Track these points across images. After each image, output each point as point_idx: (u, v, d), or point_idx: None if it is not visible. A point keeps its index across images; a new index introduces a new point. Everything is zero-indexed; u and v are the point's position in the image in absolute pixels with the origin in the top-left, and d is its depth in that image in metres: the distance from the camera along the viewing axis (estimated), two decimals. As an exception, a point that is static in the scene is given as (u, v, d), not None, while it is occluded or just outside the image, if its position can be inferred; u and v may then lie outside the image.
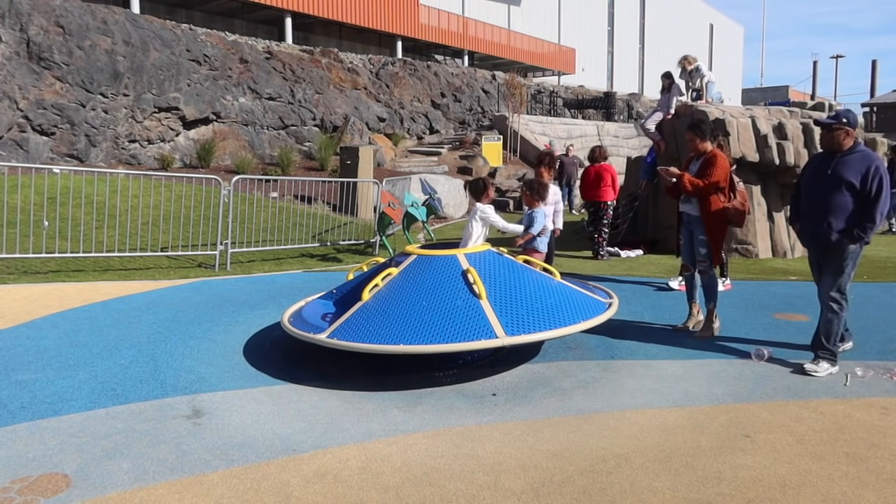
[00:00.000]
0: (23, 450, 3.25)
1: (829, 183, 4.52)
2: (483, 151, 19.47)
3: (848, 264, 4.53)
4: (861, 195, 4.42)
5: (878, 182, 4.40)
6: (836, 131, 4.52)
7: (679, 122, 10.23)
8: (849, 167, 4.47)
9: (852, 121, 4.53)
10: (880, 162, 4.43)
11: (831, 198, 4.51)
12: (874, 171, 4.41)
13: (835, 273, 4.57)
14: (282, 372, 4.49)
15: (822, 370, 4.48)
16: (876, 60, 42.74)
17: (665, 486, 2.94)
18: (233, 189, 8.90)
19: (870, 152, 4.51)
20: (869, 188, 4.40)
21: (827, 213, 4.52)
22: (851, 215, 4.44)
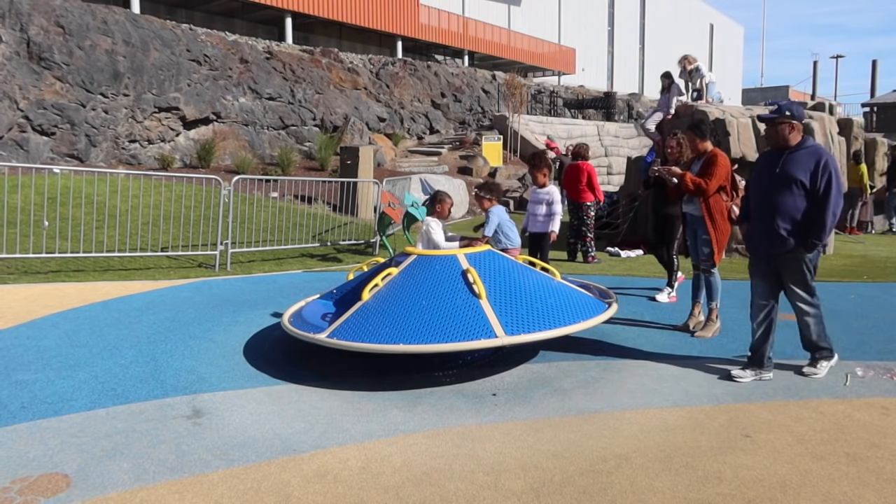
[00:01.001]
0: (23, 450, 3.25)
1: (777, 182, 4.25)
2: (483, 151, 19.47)
3: (807, 266, 4.31)
4: (811, 193, 4.17)
5: (828, 179, 4.12)
6: (780, 126, 4.25)
7: (679, 122, 10.23)
8: (797, 164, 4.19)
9: (797, 114, 4.25)
10: (830, 157, 4.18)
11: (780, 198, 4.24)
12: (823, 166, 4.13)
13: (795, 275, 4.34)
14: (282, 372, 4.49)
15: (823, 369, 4.44)
16: (876, 60, 42.70)
17: (665, 486, 2.94)
18: (233, 189, 8.90)
19: (820, 147, 4.26)
20: (819, 185, 4.13)
21: (776, 215, 4.25)
22: (803, 216, 4.19)
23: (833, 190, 4.12)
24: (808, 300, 4.39)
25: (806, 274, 4.32)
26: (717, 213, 5.39)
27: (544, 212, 6.79)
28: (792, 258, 4.29)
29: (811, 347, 4.51)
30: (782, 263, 4.35)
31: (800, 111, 4.28)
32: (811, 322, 4.43)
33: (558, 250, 10.38)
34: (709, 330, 5.49)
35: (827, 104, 15.11)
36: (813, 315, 4.43)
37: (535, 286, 4.68)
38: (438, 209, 5.61)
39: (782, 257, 4.32)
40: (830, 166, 4.13)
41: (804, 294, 4.38)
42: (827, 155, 4.17)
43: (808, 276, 4.33)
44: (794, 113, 4.23)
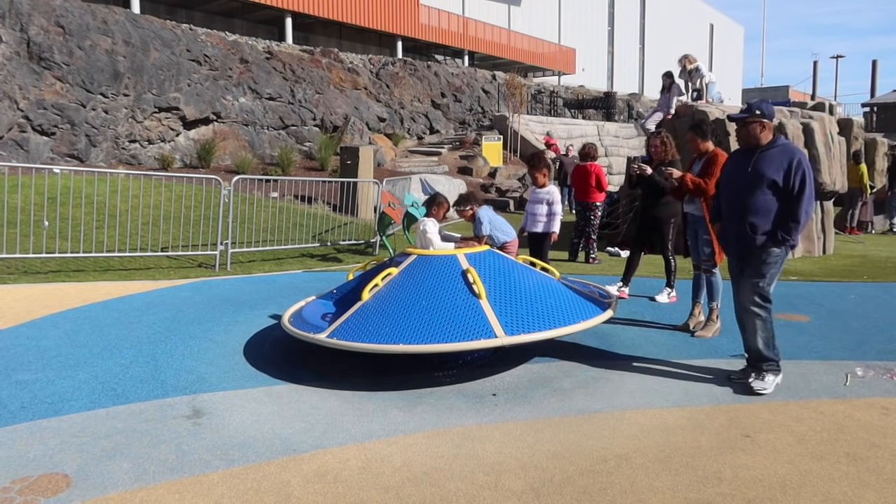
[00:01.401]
0: (23, 450, 3.25)
1: (749, 181, 4.16)
2: (483, 151, 19.47)
3: (771, 268, 4.15)
4: (784, 192, 4.06)
5: (801, 177, 4.02)
6: (751, 125, 4.17)
7: (679, 121, 10.23)
8: (769, 163, 4.11)
9: (767, 112, 4.16)
10: (803, 156, 4.08)
11: (752, 197, 4.14)
12: (797, 165, 4.03)
13: (755, 276, 4.17)
14: (282, 372, 4.49)
15: (769, 384, 4.15)
16: (876, 60, 42.69)
17: (665, 486, 2.94)
18: (233, 189, 8.90)
19: (791, 146, 4.16)
20: (792, 184, 4.03)
21: (748, 214, 4.15)
22: (776, 215, 4.09)
23: (807, 189, 4.03)
24: (760, 302, 4.19)
25: (766, 273, 4.15)
26: (718, 213, 5.40)
27: (545, 212, 6.78)
28: (758, 253, 4.16)
29: (756, 357, 4.24)
30: (749, 263, 4.23)
31: (770, 109, 4.19)
32: (759, 327, 4.19)
33: (560, 250, 10.39)
34: (709, 330, 5.49)
35: (827, 104, 15.10)
36: (763, 318, 4.20)
37: (535, 286, 4.68)
38: (434, 211, 5.64)
39: (749, 257, 4.20)
40: (804, 165, 4.05)
41: (758, 292, 4.18)
42: (800, 153, 4.09)
43: (767, 276, 4.15)
44: (764, 111, 4.15)
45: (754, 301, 4.18)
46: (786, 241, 4.10)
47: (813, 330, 5.67)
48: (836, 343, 5.27)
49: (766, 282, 4.16)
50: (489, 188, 17.76)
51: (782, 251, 4.15)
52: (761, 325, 4.20)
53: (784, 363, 4.72)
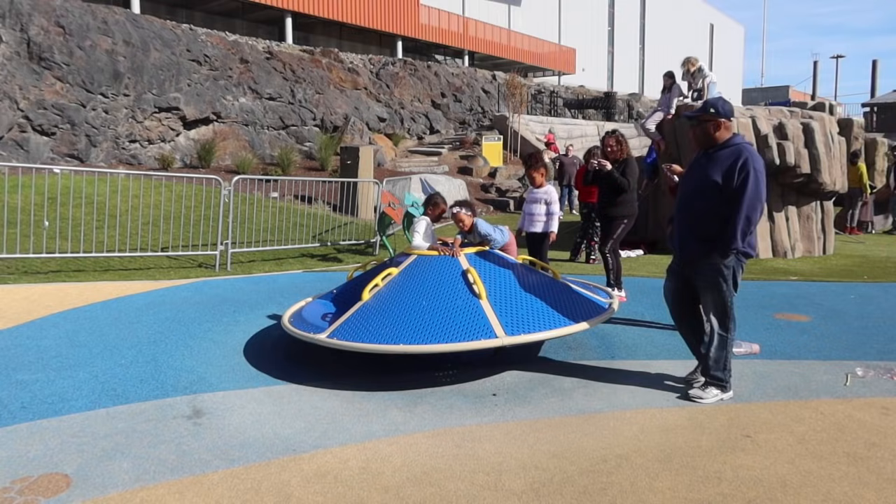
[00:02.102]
0: (23, 450, 3.25)
1: (696, 183, 3.94)
2: (483, 151, 19.47)
3: (724, 281, 3.90)
4: (730, 196, 3.78)
5: (745, 178, 3.74)
6: (705, 124, 3.94)
7: (679, 121, 10.23)
8: (716, 164, 3.86)
9: (722, 110, 3.92)
10: (752, 155, 3.80)
11: (696, 201, 3.92)
12: (742, 165, 3.76)
13: (709, 293, 3.96)
14: (282, 372, 4.49)
15: (710, 396, 3.97)
16: (876, 60, 42.72)
17: (665, 486, 2.94)
18: (233, 189, 8.90)
19: (743, 146, 3.88)
20: (735, 186, 3.76)
21: (691, 219, 3.95)
22: (720, 221, 3.82)
23: (748, 190, 3.73)
24: (720, 316, 3.97)
25: (720, 285, 3.90)
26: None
27: (543, 211, 6.77)
28: (706, 268, 3.91)
29: (705, 372, 4.06)
30: (697, 274, 3.99)
31: (725, 107, 3.95)
32: (716, 342, 3.98)
33: (561, 249, 10.40)
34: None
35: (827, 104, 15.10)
36: (720, 336, 3.97)
37: (535, 286, 4.68)
38: (430, 211, 5.65)
39: (696, 265, 3.97)
40: (750, 165, 3.75)
41: (717, 308, 3.96)
42: (749, 153, 3.81)
43: (722, 288, 3.91)
44: (718, 109, 3.92)
45: (715, 314, 3.97)
46: (726, 254, 3.82)
47: (813, 330, 5.67)
48: (837, 343, 5.27)
49: (723, 292, 3.91)
50: (489, 188, 17.77)
51: (731, 260, 3.87)
52: (717, 341, 3.98)
53: (784, 363, 4.73)
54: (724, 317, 3.97)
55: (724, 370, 4.01)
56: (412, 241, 5.28)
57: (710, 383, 4.03)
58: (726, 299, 3.94)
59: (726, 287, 3.91)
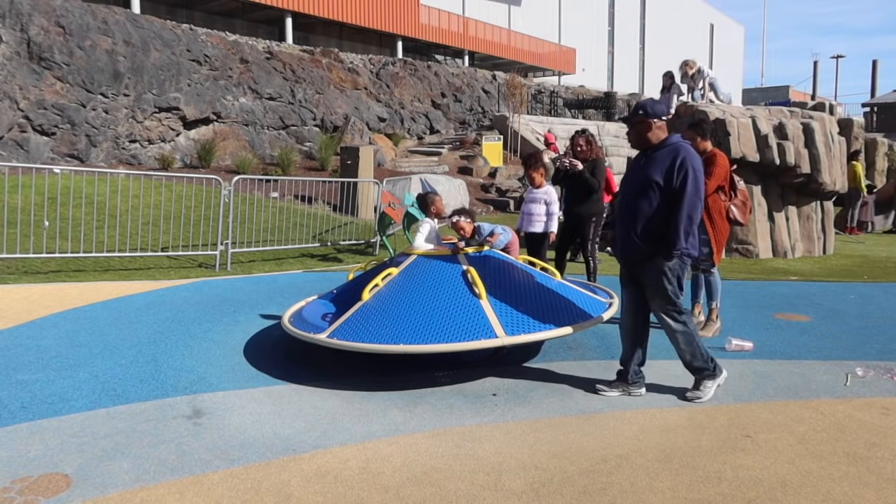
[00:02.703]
0: (23, 450, 3.25)
1: (636, 185, 3.95)
2: (483, 151, 19.47)
3: (669, 280, 3.89)
4: (670, 196, 3.78)
5: (684, 177, 3.73)
6: (638, 125, 3.95)
7: (679, 121, 10.23)
8: (654, 164, 3.85)
9: (651, 110, 3.92)
10: (689, 154, 3.80)
11: (637, 202, 3.90)
12: (680, 164, 3.74)
13: (657, 294, 3.94)
14: (282, 372, 4.49)
15: (706, 390, 3.99)
16: (876, 60, 42.73)
17: (665, 486, 2.94)
18: (233, 189, 8.90)
19: (680, 145, 3.87)
20: (674, 186, 3.76)
21: (632, 221, 3.92)
22: (661, 222, 3.82)
23: (688, 190, 3.73)
24: (672, 315, 3.96)
25: (666, 286, 3.89)
26: (716, 212, 5.39)
27: (543, 211, 6.77)
28: (650, 268, 3.91)
29: (689, 369, 4.08)
30: (642, 274, 3.98)
31: (657, 108, 3.95)
32: (680, 340, 3.99)
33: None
34: (709, 330, 5.49)
35: (827, 104, 15.11)
36: (681, 332, 3.97)
37: (535, 286, 4.68)
38: (434, 210, 5.61)
39: (640, 267, 3.96)
40: (688, 164, 3.74)
41: (667, 308, 3.95)
42: (686, 152, 3.80)
43: (668, 289, 3.90)
44: (648, 110, 3.92)
45: (666, 312, 3.95)
46: (670, 256, 3.81)
47: (813, 330, 5.67)
48: (837, 343, 5.27)
49: (668, 291, 3.90)
50: (489, 188, 17.76)
51: (675, 262, 3.86)
52: (682, 338, 3.97)
53: (784, 363, 4.73)
54: (673, 311, 3.96)
55: (704, 359, 4.00)
56: (413, 242, 5.29)
57: (701, 379, 4.03)
58: (674, 299, 3.94)
59: (672, 288, 3.91)
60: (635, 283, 4.08)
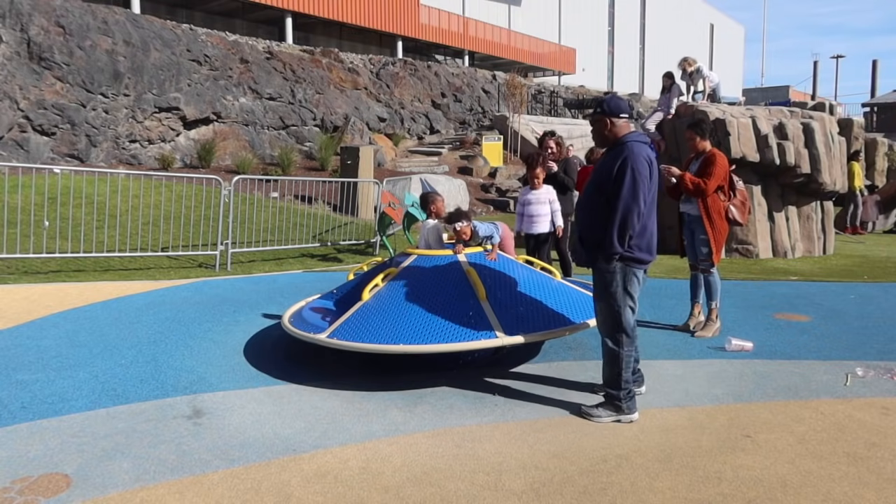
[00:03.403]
0: (23, 450, 3.25)
1: (586, 186, 3.80)
2: (483, 151, 19.47)
3: (612, 290, 3.64)
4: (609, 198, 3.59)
5: (621, 179, 3.52)
6: (596, 123, 3.77)
7: (680, 122, 10.23)
8: (602, 165, 3.70)
9: (608, 107, 3.72)
10: (632, 153, 3.56)
11: (586, 205, 3.75)
12: (620, 165, 3.54)
13: (603, 299, 3.71)
14: (282, 372, 4.49)
15: (603, 416, 3.66)
16: (876, 60, 42.74)
17: (665, 486, 2.94)
18: (233, 189, 8.90)
19: (629, 144, 3.61)
20: (614, 188, 3.56)
21: (580, 224, 3.78)
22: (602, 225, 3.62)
23: (623, 192, 3.52)
24: (611, 327, 3.71)
25: (608, 295, 3.66)
26: (715, 212, 5.40)
27: (547, 211, 6.77)
28: (595, 274, 3.72)
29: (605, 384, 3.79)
30: (593, 280, 3.80)
31: (616, 105, 3.72)
32: (607, 358, 3.74)
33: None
34: (709, 330, 5.49)
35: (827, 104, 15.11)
36: (611, 350, 3.69)
37: (535, 286, 4.68)
38: (434, 210, 5.60)
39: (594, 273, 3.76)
40: (627, 164, 3.53)
41: (608, 319, 3.70)
42: (629, 151, 3.56)
43: (610, 300, 3.66)
44: (605, 107, 3.72)
45: (604, 322, 3.74)
46: (608, 258, 3.60)
47: (813, 330, 5.67)
48: (837, 343, 5.27)
49: (616, 303, 3.65)
50: (489, 188, 17.77)
51: (615, 267, 3.63)
52: (608, 357, 3.73)
53: (784, 363, 4.73)
54: (613, 329, 3.70)
55: (619, 389, 3.67)
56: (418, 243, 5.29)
57: (605, 403, 3.72)
58: (616, 309, 3.66)
59: (615, 297, 3.65)
60: None
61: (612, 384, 3.71)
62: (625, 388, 3.68)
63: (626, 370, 3.68)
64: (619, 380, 3.68)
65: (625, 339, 3.68)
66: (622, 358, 3.68)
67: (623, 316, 3.67)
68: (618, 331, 3.69)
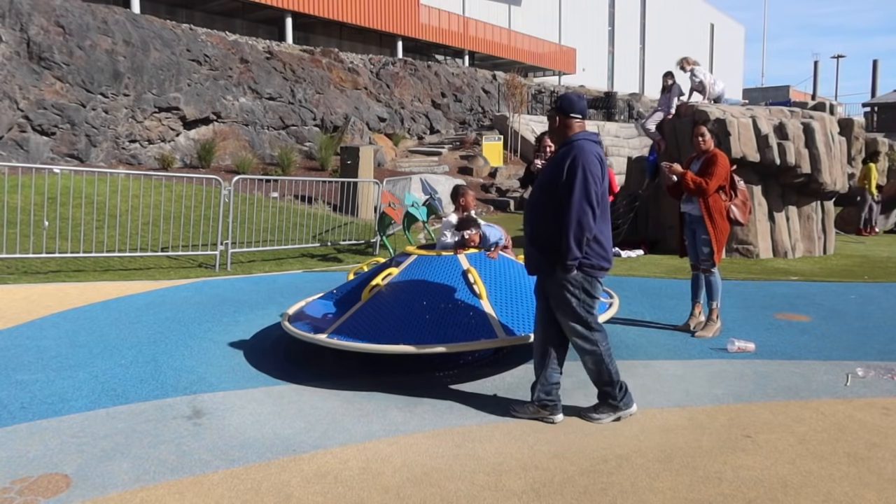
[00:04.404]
0: (23, 450, 3.25)
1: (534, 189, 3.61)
2: (483, 151, 19.47)
3: (574, 295, 3.48)
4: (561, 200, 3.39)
5: (572, 180, 3.34)
6: (550, 121, 3.60)
7: (680, 122, 10.23)
8: (552, 166, 3.51)
9: (560, 104, 3.55)
10: (582, 152, 3.37)
11: (532, 208, 3.57)
12: (570, 165, 3.35)
13: (562, 310, 3.55)
14: (282, 372, 4.49)
15: (603, 417, 3.62)
16: (877, 60, 42.80)
17: (666, 486, 2.93)
18: (233, 189, 8.90)
19: (578, 143, 3.43)
20: (565, 190, 3.36)
21: (530, 228, 3.58)
22: (555, 230, 3.43)
23: (574, 195, 3.33)
24: (580, 333, 3.56)
25: (570, 301, 3.50)
26: (717, 212, 5.39)
27: None
28: (552, 281, 3.53)
29: (596, 386, 3.72)
30: (547, 288, 3.59)
31: (568, 103, 3.53)
32: (587, 361, 3.64)
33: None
34: (709, 330, 5.49)
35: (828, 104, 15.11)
36: (589, 352, 3.59)
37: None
38: (462, 203, 5.55)
39: (546, 279, 3.57)
40: (578, 163, 3.34)
41: (574, 326, 3.55)
42: (579, 150, 3.38)
43: (572, 303, 3.50)
44: (558, 105, 3.54)
45: (573, 331, 3.57)
46: (565, 268, 3.42)
47: (813, 330, 5.66)
48: (837, 343, 5.27)
49: (574, 306, 3.50)
50: (489, 188, 17.77)
51: (576, 276, 3.46)
52: (590, 359, 3.61)
53: (784, 363, 4.72)
54: (582, 333, 3.55)
55: (611, 384, 3.59)
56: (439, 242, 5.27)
57: (601, 403, 3.67)
58: (580, 313, 3.52)
59: (577, 302, 3.50)
60: (542, 295, 3.67)
61: (603, 379, 3.62)
62: (616, 380, 3.61)
63: (611, 363, 3.62)
64: (608, 377, 3.62)
65: (598, 335, 3.59)
66: (602, 355, 3.59)
67: (590, 321, 3.56)
68: (591, 330, 3.57)
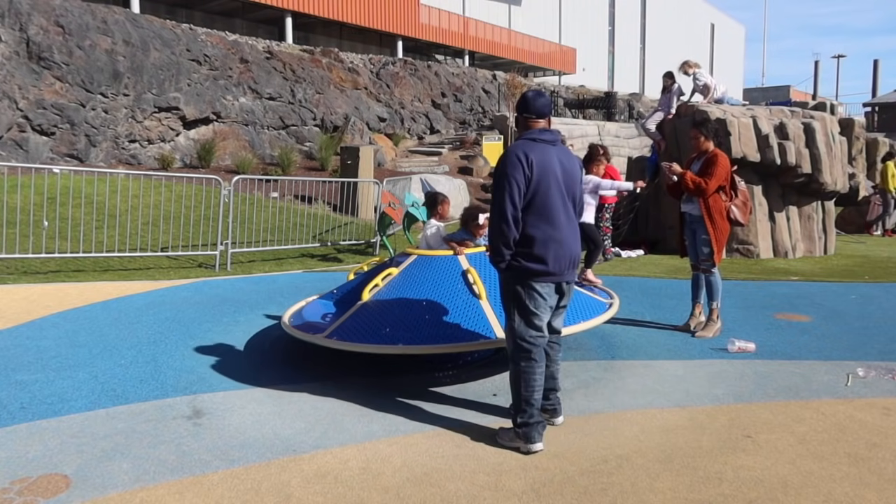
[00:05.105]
0: (22, 450, 3.24)
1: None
2: (484, 151, 19.46)
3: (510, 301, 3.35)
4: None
5: (494, 182, 3.30)
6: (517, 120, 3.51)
7: (680, 121, 10.23)
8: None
9: (517, 105, 3.48)
10: (507, 154, 3.27)
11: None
12: (497, 166, 3.31)
13: (504, 308, 3.48)
14: (282, 372, 4.49)
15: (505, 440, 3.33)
16: (878, 60, 42.83)
17: (666, 486, 2.93)
18: (233, 189, 8.89)
19: (517, 143, 3.34)
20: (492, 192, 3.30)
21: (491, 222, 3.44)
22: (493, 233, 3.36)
23: (496, 196, 3.25)
24: (510, 345, 3.37)
25: (509, 304, 3.37)
26: (717, 212, 5.39)
27: (589, 200, 6.98)
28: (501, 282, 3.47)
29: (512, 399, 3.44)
30: None
31: (524, 101, 3.42)
32: (511, 372, 3.38)
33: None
34: (710, 330, 5.49)
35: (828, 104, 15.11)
36: (518, 368, 3.31)
37: (535, 286, 4.67)
38: (440, 210, 5.57)
39: None
40: (500, 167, 3.27)
41: (508, 335, 3.41)
42: (507, 152, 3.30)
43: (511, 312, 3.36)
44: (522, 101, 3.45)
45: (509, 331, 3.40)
46: (495, 262, 3.34)
47: (814, 330, 5.66)
48: (837, 343, 5.27)
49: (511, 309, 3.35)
50: (489, 188, 17.76)
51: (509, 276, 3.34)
52: (512, 374, 3.37)
53: (785, 363, 4.72)
54: (513, 346, 3.35)
55: (520, 412, 3.27)
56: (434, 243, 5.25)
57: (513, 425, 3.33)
58: (514, 325, 3.32)
59: (513, 309, 3.34)
60: None
61: (516, 403, 3.33)
62: (525, 410, 3.24)
63: (528, 389, 3.26)
64: (518, 401, 3.30)
65: (520, 353, 3.30)
66: (520, 374, 3.29)
67: (517, 329, 3.32)
68: (517, 347, 3.32)
